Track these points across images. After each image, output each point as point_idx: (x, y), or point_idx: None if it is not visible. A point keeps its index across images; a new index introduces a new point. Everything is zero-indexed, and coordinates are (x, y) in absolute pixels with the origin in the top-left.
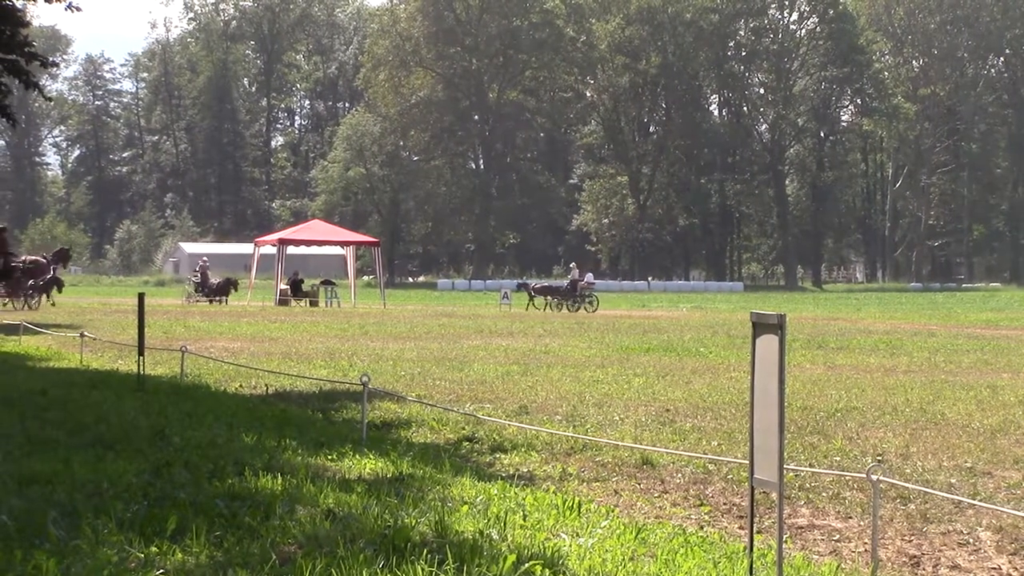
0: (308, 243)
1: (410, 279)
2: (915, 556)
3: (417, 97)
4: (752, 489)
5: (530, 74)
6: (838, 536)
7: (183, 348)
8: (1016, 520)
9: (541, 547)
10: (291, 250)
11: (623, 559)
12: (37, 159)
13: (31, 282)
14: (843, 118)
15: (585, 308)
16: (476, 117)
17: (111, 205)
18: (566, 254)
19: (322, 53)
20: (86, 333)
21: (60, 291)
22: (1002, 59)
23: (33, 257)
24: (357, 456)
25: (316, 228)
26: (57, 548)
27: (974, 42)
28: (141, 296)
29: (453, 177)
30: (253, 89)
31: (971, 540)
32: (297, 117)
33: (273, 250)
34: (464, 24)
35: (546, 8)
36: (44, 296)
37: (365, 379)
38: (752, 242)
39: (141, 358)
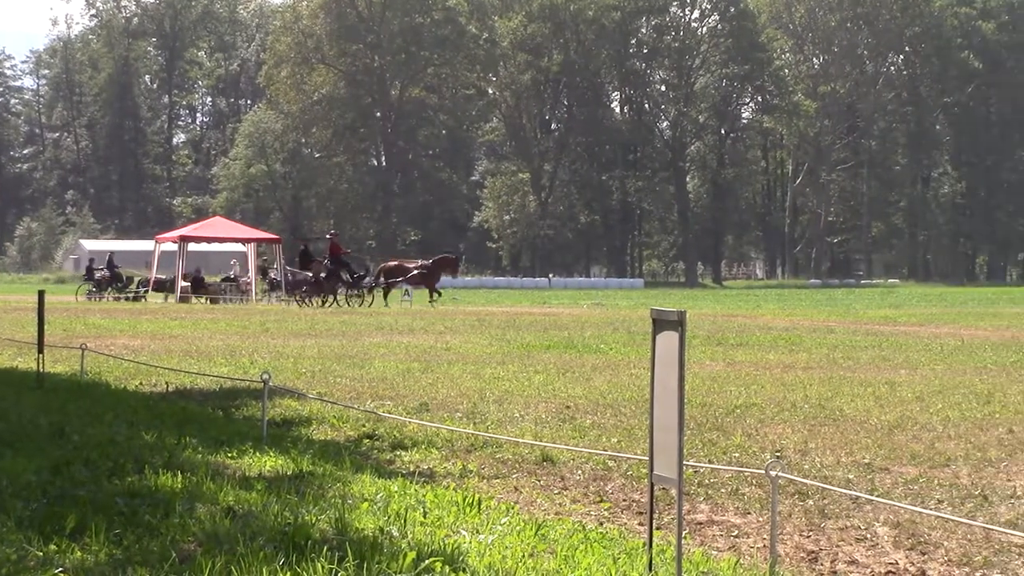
0: (209, 240)
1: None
2: (813, 551)
3: (319, 94)
4: (652, 485)
5: (432, 71)
6: (737, 532)
7: (83, 346)
8: (913, 515)
9: (441, 544)
10: (192, 247)
11: (523, 555)
12: None
13: None
14: (744, 115)
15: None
16: (378, 114)
17: (11, 202)
18: (468, 251)
19: (224, 50)
20: None
21: None
22: (901, 57)
23: None
24: (257, 454)
25: (217, 225)
26: None
27: (874, 40)
28: (41, 293)
29: (355, 174)
30: (155, 86)
31: (869, 535)
32: (199, 114)
33: (174, 247)
34: (366, 21)
35: (448, 5)
36: None
37: (266, 376)
38: (653, 239)
39: (40, 355)
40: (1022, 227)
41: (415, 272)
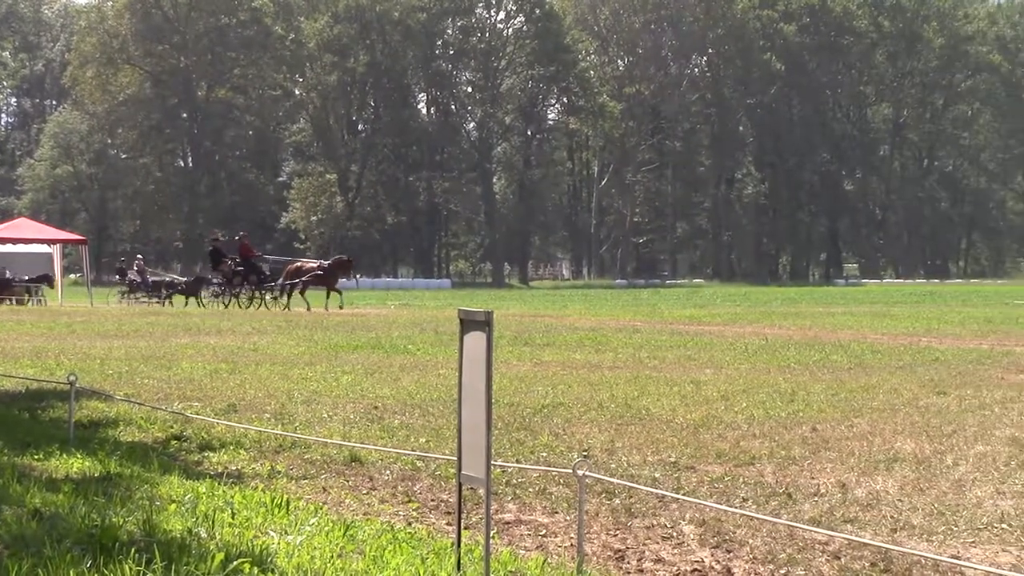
0: (14, 241)
1: (117, 277)
2: (620, 550)
3: (125, 95)
4: (460, 485)
5: (239, 72)
6: (545, 531)
7: None
8: (718, 513)
9: (249, 545)
10: None
11: (331, 556)
12: None
13: None
14: (549, 116)
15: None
16: (184, 115)
17: None
18: (275, 252)
19: (29, 50)
20: None
21: None
22: (705, 59)
23: None
24: (64, 455)
25: (22, 226)
26: None
27: (678, 42)
28: None
29: (162, 175)
30: None
31: (675, 534)
32: (3, 115)
33: None
34: (172, 22)
35: (254, 6)
36: None
37: (72, 378)
38: (460, 240)
39: None
40: (824, 228)
41: (311, 274)
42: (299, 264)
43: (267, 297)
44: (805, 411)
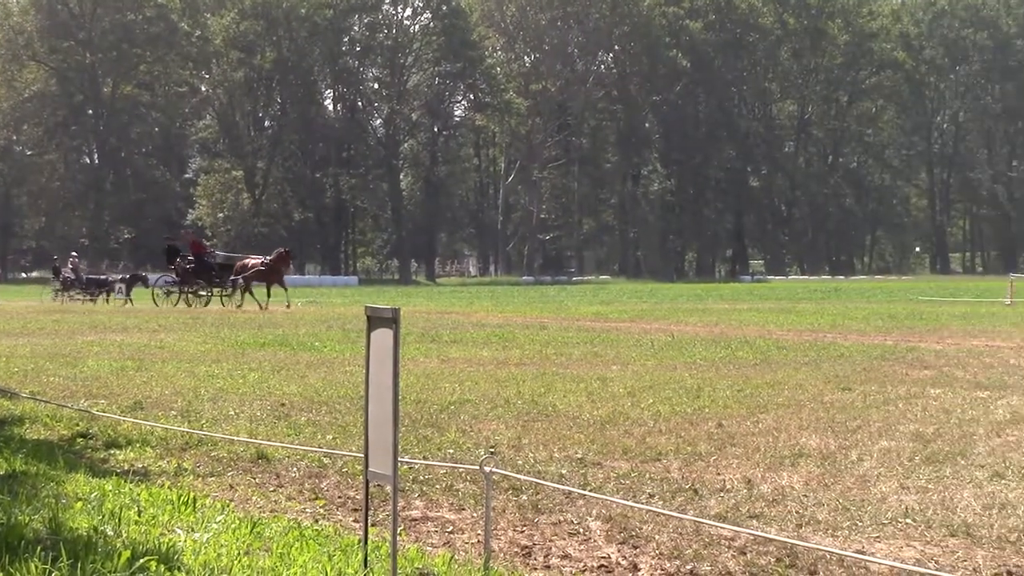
0: None
1: (23, 274)
2: (527, 546)
3: (30, 91)
4: (367, 482)
5: (145, 68)
6: (452, 528)
7: None
8: (625, 509)
9: (156, 543)
10: None
11: (238, 553)
12: None
13: None
14: (456, 113)
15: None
16: (90, 112)
17: None
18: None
19: None
20: None
21: None
22: (611, 55)
23: None
24: None
25: None
26: None
27: (584, 38)
28: None
29: (67, 172)
30: None
31: (582, 530)
32: None
33: None
34: (78, 18)
35: (160, 3)
36: None
37: None
38: (367, 236)
39: None
40: (730, 224)
41: (254, 270)
42: (245, 261)
43: (221, 295)
44: (711, 407)
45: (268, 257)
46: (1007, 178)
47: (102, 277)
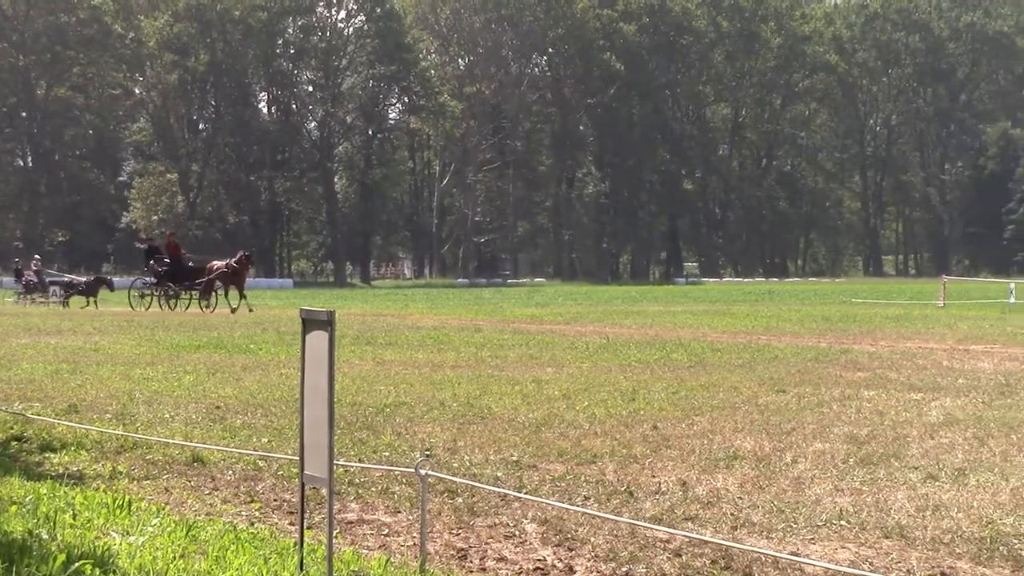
0: None
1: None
2: (463, 549)
3: None
4: (303, 485)
5: (78, 71)
6: (388, 530)
7: None
8: (560, 512)
9: (91, 546)
10: None
11: (174, 556)
12: None
13: None
14: (391, 116)
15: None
16: (24, 114)
17: None
18: (116, 252)
19: None
20: None
21: None
22: (545, 58)
23: None
24: None
25: None
26: None
27: (518, 41)
28: None
29: (1, 175)
30: None
31: (517, 532)
32: None
33: None
34: (11, 20)
35: (93, 4)
36: None
37: None
38: (302, 239)
39: None
40: (664, 227)
41: (217, 272)
42: (211, 263)
43: (192, 298)
44: (646, 409)
45: (232, 260)
46: (939, 181)
47: (66, 279)
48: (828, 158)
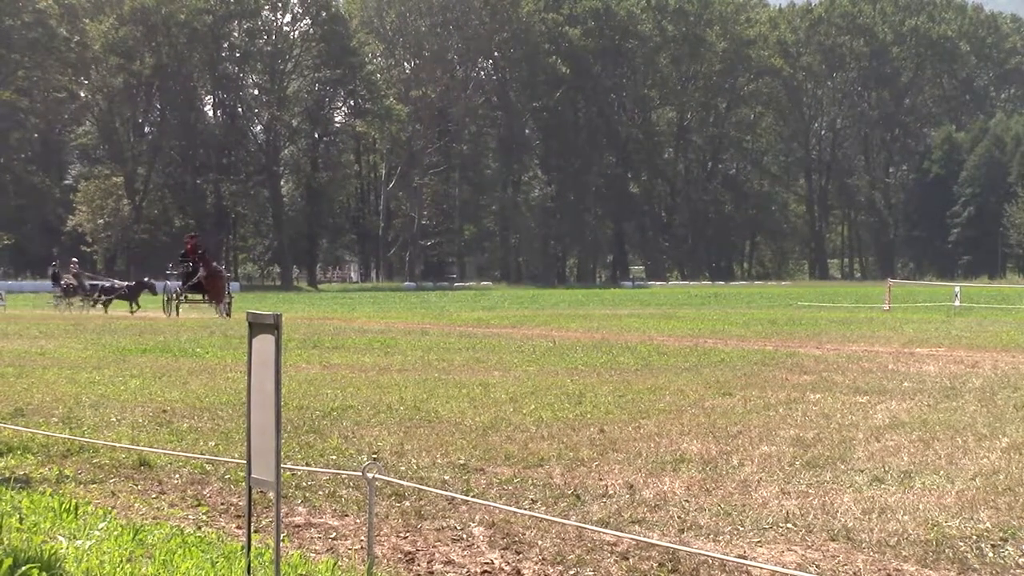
0: None
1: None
2: (410, 552)
3: None
4: (249, 489)
5: (23, 74)
6: (335, 534)
7: None
8: (508, 515)
9: (38, 550)
10: None
11: (121, 560)
12: None
13: None
14: (337, 119)
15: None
16: None
17: None
18: (62, 255)
19: None
20: None
21: None
22: (491, 62)
23: None
24: None
25: None
26: None
27: (464, 45)
28: None
29: None
30: None
31: (465, 535)
32: None
33: None
34: None
35: (39, 8)
36: None
37: None
38: (248, 242)
39: None
40: (610, 230)
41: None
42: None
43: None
44: (593, 413)
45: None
46: (884, 184)
47: (107, 284)
48: (773, 161)
